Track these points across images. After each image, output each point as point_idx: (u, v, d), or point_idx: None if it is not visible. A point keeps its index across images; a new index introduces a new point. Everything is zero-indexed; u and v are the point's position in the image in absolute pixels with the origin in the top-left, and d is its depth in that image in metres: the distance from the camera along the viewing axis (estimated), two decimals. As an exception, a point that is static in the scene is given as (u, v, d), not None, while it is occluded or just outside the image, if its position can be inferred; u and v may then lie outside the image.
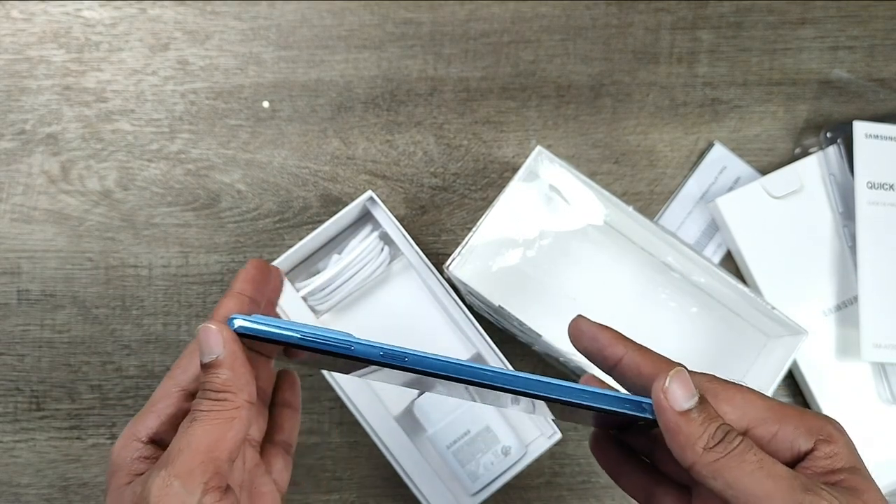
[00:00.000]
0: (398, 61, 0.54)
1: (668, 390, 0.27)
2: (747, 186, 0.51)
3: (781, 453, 0.27)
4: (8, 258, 0.52)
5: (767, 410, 0.28)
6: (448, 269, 0.45)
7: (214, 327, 0.29)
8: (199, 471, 0.27)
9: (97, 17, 0.55)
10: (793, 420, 0.27)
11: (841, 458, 0.27)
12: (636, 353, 0.29)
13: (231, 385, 0.29)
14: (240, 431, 0.28)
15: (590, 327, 0.31)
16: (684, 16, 0.55)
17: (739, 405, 0.28)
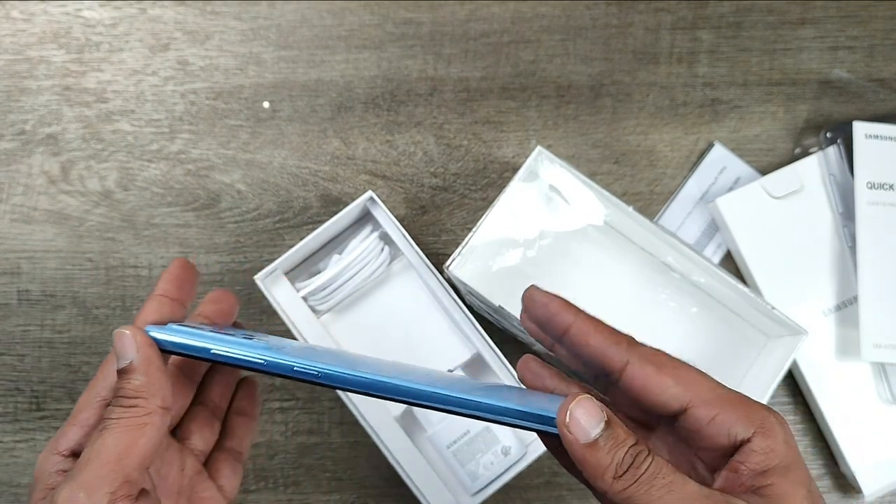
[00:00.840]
0: (398, 61, 0.54)
1: (572, 421, 0.25)
2: (747, 186, 0.51)
3: (719, 438, 0.27)
4: (8, 258, 0.52)
5: (711, 391, 0.27)
6: (448, 269, 0.45)
7: (128, 332, 0.29)
8: (107, 480, 0.26)
9: (97, 18, 0.55)
10: (734, 406, 0.27)
11: (777, 454, 0.26)
12: (585, 322, 0.29)
13: (143, 391, 0.28)
14: (152, 438, 0.28)
15: (542, 296, 0.30)
16: (684, 16, 0.55)
17: (683, 380, 0.27)
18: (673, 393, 0.27)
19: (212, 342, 0.30)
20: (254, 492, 0.50)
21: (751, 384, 0.48)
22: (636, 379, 0.27)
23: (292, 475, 0.50)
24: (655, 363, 0.28)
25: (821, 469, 0.51)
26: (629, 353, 0.28)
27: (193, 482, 0.33)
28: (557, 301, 0.29)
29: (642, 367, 0.27)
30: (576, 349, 0.29)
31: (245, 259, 0.52)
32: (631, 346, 0.28)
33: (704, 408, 0.27)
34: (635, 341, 0.29)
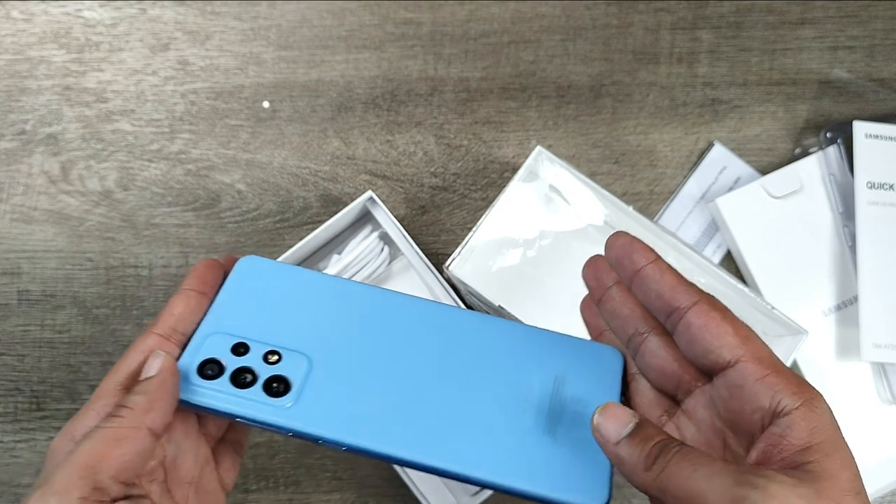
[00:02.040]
0: (398, 61, 0.54)
1: (600, 427, 0.27)
2: (747, 186, 0.51)
3: (762, 399, 0.26)
4: (8, 258, 0.52)
5: (767, 352, 0.28)
6: (448, 269, 0.45)
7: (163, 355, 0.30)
8: (76, 486, 0.26)
9: (97, 18, 0.55)
10: (786, 375, 0.27)
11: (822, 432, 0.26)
12: (662, 263, 0.30)
13: (138, 407, 0.28)
14: (127, 452, 0.27)
15: (626, 237, 0.32)
16: (684, 16, 0.55)
17: (742, 335, 0.28)
18: (730, 342, 0.28)
19: (236, 405, 0.30)
20: (254, 491, 0.50)
21: (751, 384, 0.48)
22: (699, 319, 0.28)
23: (293, 475, 0.50)
24: (722, 311, 0.28)
25: (821, 469, 0.51)
26: (700, 295, 0.29)
27: (203, 472, 0.33)
28: (640, 244, 0.31)
29: (709, 310, 0.28)
30: (647, 284, 0.30)
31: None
32: (701, 292, 0.29)
33: (757, 364, 0.27)
34: (704, 292, 0.30)
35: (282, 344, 0.32)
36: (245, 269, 0.34)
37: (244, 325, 0.32)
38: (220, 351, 0.31)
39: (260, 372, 0.31)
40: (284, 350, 0.31)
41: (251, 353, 0.31)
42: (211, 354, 0.31)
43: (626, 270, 0.31)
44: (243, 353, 0.31)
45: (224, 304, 0.33)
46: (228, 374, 0.31)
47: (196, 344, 0.32)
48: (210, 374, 0.31)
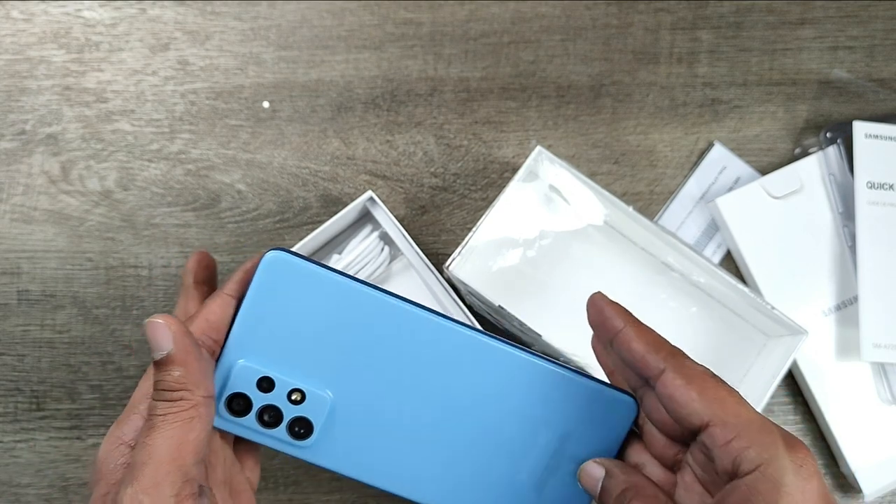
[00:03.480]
0: (398, 61, 0.54)
1: (581, 482, 0.32)
2: (747, 186, 0.51)
3: (726, 462, 0.27)
4: (8, 258, 0.52)
5: (734, 415, 0.27)
6: (448, 269, 0.45)
7: (161, 321, 0.28)
8: (167, 482, 0.26)
9: (97, 18, 0.55)
10: (748, 436, 0.27)
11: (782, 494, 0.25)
12: (634, 327, 0.31)
13: (185, 381, 0.28)
14: (202, 431, 0.27)
15: (601, 299, 0.32)
16: (684, 16, 0.55)
17: (709, 398, 0.28)
18: (695, 408, 0.28)
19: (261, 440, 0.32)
20: (254, 492, 0.50)
21: (751, 384, 0.48)
22: (666, 387, 0.29)
23: (292, 475, 0.50)
24: (687, 376, 0.29)
25: (821, 469, 0.51)
26: (667, 362, 0.29)
27: (231, 472, 0.33)
28: (614, 307, 0.32)
29: (673, 379, 0.29)
30: (622, 352, 0.31)
31: (245, 259, 0.52)
32: (672, 356, 0.30)
33: (721, 428, 0.27)
34: (680, 353, 0.30)
35: (306, 378, 0.32)
36: (271, 267, 0.32)
37: (270, 349, 0.32)
38: (246, 385, 0.31)
39: (285, 412, 0.32)
40: (308, 389, 0.32)
41: (276, 391, 0.32)
42: (238, 388, 0.31)
43: (603, 337, 0.32)
44: (268, 389, 0.31)
45: (250, 314, 0.32)
46: (255, 413, 0.32)
47: (224, 369, 0.32)
48: (237, 409, 0.31)
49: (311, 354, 0.32)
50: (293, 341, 0.32)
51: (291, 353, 0.32)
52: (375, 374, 0.32)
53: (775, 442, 0.27)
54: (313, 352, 0.32)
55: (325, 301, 0.32)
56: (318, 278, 0.31)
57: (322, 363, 0.32)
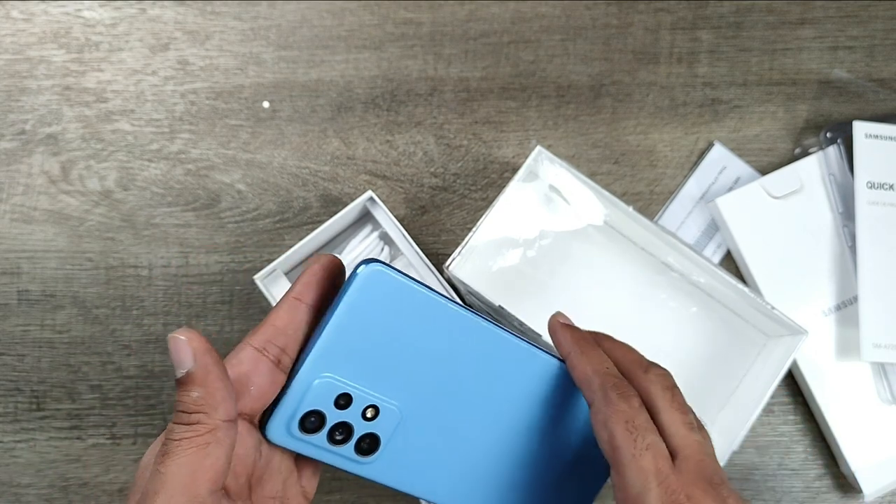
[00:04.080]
0: (398, 61, 0.54)
1: None
2: (747, 186, 0.51)
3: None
4: (8, 258, 0.52)
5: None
6: (448, 269, 0.45)
7: (182, 337, 0.26)
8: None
9: (97, 17, 0.55)
10: None
11: None
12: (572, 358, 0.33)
13: (203, 404, 0.26)
14: (220, 457, 0.26)
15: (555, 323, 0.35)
16: (684, 16, 0.55)
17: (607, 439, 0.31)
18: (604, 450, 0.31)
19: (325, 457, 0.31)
20: (254, 492, 0.50)
21: (751, 384, 0.48)
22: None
23: (292, 475, 0.50)
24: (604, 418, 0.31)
25: (821, 469, 0.51)
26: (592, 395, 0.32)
27: (286, 485, 0.31)
28: (561, 333, 0.34)
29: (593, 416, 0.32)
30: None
31: (245, 259, 0.52)
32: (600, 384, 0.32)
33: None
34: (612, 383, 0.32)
35: (381, 394, 0.31)
36: (368, 282, 0.29)
37: (352, 365, 0.30)
38: (324, 401, 0.30)
39: (356, 429, 0.30)
40: (382, 404, 0.31)
41: (352, 407, 0.30)
42: (315, 405, 0.30)
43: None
44: (344, 406, 0.30)
45: (339, 329, 0.30)
46: (326, 431, 0.30)
47: (303, 384, 0.29)
48: (310, 427, 0.30)
49: (388, 369, 0.31)
50: (374, 355, 0.30)
51: (370, 368, 0.30)
52: (443, 390, 0.32)
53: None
54: (390, 366, 0.31)
55: (411, 316, 0.30)
56: (410, 293, 0.30)
57: (396, 377, 0.31)
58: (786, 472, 0.51)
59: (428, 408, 0.32)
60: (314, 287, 0.30)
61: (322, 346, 0.29)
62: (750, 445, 0.51)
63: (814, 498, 0.51)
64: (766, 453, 0.51)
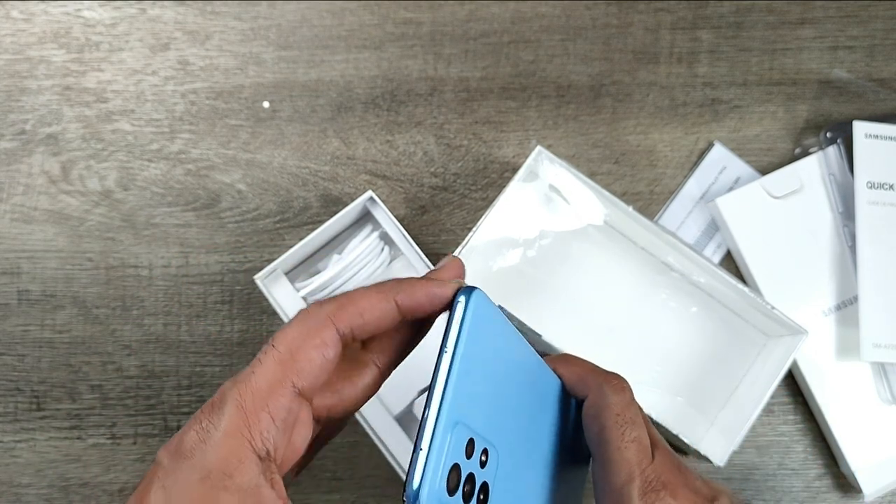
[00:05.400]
0: (398, 61, 0.54)
1: None
2: (747, 186, 0.51)
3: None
4: (8, 258, 0.52)
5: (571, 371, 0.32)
6: (448, 269, 0.45)
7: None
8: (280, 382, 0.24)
9: (97, 17, 0.55)
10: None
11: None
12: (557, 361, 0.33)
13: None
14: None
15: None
16: (684, 16, 0.55)
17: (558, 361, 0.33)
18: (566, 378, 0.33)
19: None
20: (254, 492, 0.50)
21: (751, 384, 0.48)
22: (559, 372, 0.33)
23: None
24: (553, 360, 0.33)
25: (821, 469, 0.51)
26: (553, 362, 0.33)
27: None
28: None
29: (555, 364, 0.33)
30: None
31: (245, 259, 0.52)
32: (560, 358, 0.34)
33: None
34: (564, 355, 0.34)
35: (489, 436, 0.27)
36: (476, 309, 0.27)
37: (473, 402, 0.26)
38: (459, 451, 0.25)
39: (477, 478, 0.26)
40: (491, 447, 0.27)
41: (475, 454, 0.26)
42: (455, 458, 0.25)
43: None
44: (470, 453, 0.26)
45: (466, 361, 0.26)
46: (461, 490, 0.25)
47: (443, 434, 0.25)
48: (451, 485, 0.25)
49: (491, 414, 0.27)
50: (484, 399, 0.27)
51: (483, 413, 0.27)
52: (520, 425, 0.30)
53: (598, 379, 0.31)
54: (492, 411, 0.27)
55: (500, 347, 0.28)
56: (502, 323, 0.28)
57: (496, 422, 0.28)
58: (786, 471, 0.51)
59: (512, 445, 0.29)
60: (416, 303, 0.27)
61: (456, 385, 0.25)
62: (750, 445, 0.51)
63: (814, 498, 0.51)
64: (766, 453, 0.51)
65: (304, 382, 0.25)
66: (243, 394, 0.24)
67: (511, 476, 0.28)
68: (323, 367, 0.25)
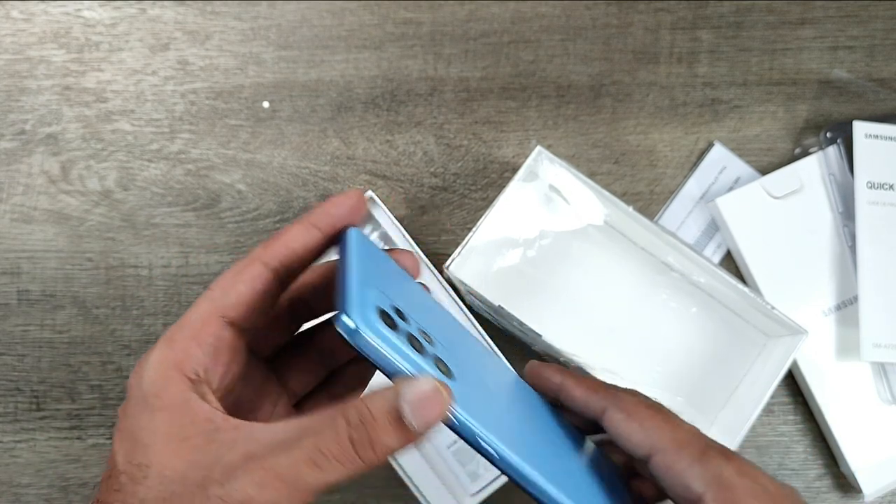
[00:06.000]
0: (398, 61, 0.54)
1: None
2: (747, 186, 0.51)
3: (677, 489, 0.27)
4: (8, 258, 0.52)
5: (671, 440, 0.28)
6: (448, 269, 0.45)
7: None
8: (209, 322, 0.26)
9: (97, 17, 0.55)
10: (691, 456, 0.27)
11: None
12: (569, 378, 0.31)
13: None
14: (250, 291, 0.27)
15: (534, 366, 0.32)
16: (684, 16, 0.55)
17: (648, 427, 0.28)
18: (638, 439, 0.28)
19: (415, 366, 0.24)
20: (254, 492, 0.50)
21: (751, 384, 0.48)
22: (611, 425, 0.29)
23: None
24: (626, 410, 0.29)
25: (821, 469, 0.51)
26: (606, 400, 0.30)
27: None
28: (547, 368, 0.32)
29: (615, 413, 0.29)
30: (568, 403, 0.31)
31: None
32: (609, 393, 0.30)
33: (663, 455, 0.28)
34: (615, 388, 0.30)
35: (429, 330, 0.27)
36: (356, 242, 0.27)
37: (389, 293, 0.26)
38: (387, 306, 0.25)
39: (426, 348, 0.25)
40: (432, 334, 0.27)
41: (411, 325, 0.26)
42: (381, 304, 0.24)
43: (550, 396, 0.32)
44: (405, 321, 0.25)
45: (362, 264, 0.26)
46: (405, 334, 0.25)
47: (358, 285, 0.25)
48: (389, 323, 0.24)
49: (424, 316, 0.27)
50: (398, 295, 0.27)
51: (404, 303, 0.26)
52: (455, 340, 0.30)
53: (708, 456, 0.27)
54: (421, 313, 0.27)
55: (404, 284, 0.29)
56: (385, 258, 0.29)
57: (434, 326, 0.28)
58: (786, 472, 0.51)
59: (456, 352, 0.28)
60: (332, 219, 0.28)
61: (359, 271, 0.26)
62: (750, 445, 0.51)
63: (814, 498, 0.51)
64: (766, 453, 0.51)
65: (233, 313, 0.27)
66: (172, 329, 0.26)
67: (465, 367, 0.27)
68: (252, 298, 0.27)
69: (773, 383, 0.45)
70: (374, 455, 0.23)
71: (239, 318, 0.27)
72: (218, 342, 0.26)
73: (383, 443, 0.23)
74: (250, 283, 0.27)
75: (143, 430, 0.24)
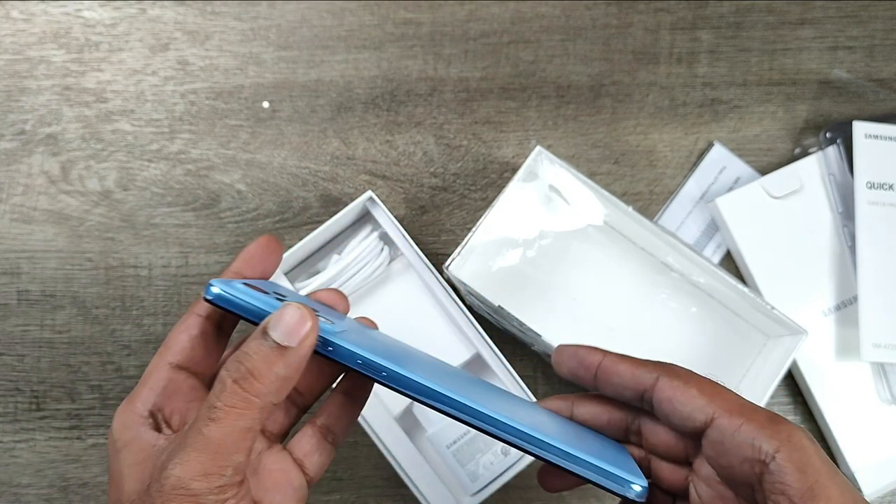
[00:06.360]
0: (398, 61, 0.54)
1: None
2: (747, 186, 0.51)
3: (744, 449, 0.27)
4: (8, 258, 0.52)
5: (736, 402, 0.28)
6: (448, 269, 0.45)
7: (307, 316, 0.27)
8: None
9: (97, 18, 0.55)
10: (759, 418, 0.27)
11: (815, 470, 0.26)
12: (612, 355, 0.31)
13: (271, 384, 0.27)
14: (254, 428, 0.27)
15: (568, 347, 0.32)
16: (684, 16, 0.55)
17: (708, 393, 0.28)
18: (698, 404, 0.28)
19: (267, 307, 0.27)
20: (254, 492, 0.50)
21: (751, 384, 0.48)
22: (665, 392, 0.29)
23: (292, 475, 0.50)
24: (681, 377, 0.29)
25: (821, 469, 0.51)
26: (658, 371, 0.30)
27: (260, 457, 0.31)
28: (584, 347, 0.32)
29: (671, 380, 0.29)
30: (609, 380, 0.31)
31: (245, 259, 0.52)
32: (660, 366, 0.30)
33: (729, 417, 0.27)
34: (667, 363, 0.30)
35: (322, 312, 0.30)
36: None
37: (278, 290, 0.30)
38: (260, 285, 0.30)
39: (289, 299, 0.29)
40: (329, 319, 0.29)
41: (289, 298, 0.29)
42: (252, 284, 0.29)
43: (585, 376, 0.32)
44: (283, 298, 0.29)
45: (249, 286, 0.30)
46: (274, 296, 0.28)
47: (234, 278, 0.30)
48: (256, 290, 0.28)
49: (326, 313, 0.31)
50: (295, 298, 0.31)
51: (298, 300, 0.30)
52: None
53: (777, 420, 0.27)
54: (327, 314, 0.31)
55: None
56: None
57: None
58: (786, 472, 0.51)
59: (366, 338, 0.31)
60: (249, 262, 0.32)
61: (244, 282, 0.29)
62: (750, 445, 0.51)
63: (814, 498, 0.51)
64: (766, 453, 0.51)
65: (176, 358, 0.30)
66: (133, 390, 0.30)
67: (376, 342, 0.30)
68: (192, 343, 0.30)
69: (772, 383, 0.45)
70: (261, 385, 0.26)
71: (185, 360, 0.30)
72: (171, 384, 0.30)
73: (265, 371, 0.26)
74: (187, 331, 0.30)
75: (117, 470, 0.28)
